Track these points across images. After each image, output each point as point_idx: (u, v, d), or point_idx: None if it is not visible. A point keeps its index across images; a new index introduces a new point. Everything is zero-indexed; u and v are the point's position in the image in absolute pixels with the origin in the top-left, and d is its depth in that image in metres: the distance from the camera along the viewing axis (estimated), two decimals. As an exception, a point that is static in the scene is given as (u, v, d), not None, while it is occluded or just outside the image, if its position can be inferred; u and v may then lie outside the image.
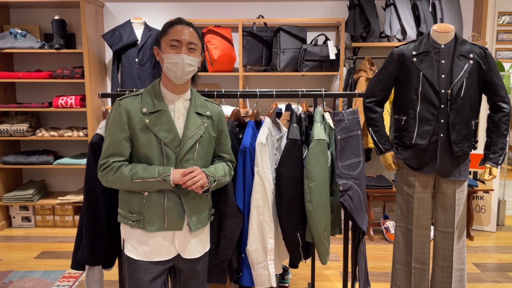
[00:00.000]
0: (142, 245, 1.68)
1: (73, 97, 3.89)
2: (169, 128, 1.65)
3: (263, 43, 3.86)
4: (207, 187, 1.68)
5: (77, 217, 4.14)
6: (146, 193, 1.65)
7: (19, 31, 3.91)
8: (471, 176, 4.06)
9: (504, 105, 2.22)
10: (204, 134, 1.72)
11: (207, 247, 1.84)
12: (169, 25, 1.67)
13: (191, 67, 1.67)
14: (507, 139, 2.26)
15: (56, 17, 3.87)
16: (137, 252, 1.69)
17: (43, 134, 3.97)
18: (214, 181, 1.71)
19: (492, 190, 3.91)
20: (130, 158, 1.69)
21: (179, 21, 1.67)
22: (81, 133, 3.96)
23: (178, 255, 1.73)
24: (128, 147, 1.66)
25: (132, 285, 1.70)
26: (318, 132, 2.06)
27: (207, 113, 1.76)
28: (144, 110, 1.64)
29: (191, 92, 1.77)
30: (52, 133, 3.98)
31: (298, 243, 2.11)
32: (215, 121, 1.79)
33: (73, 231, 4.02)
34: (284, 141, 2.20)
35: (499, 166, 2.26)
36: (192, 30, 1.67)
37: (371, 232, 3.89)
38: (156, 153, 1.65)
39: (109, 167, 1.63)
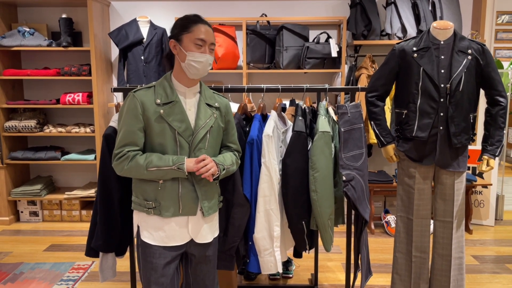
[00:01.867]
0: (158, 230, 1.76)
1: (80, 94, 3.97)
2: (181, 118, 1.74)
3: (266, 41, 3.94)
4: (217, 175, 1.77)
5: (84, 212, 4.22)
6: (161, 181, 1.73)
7: (27, 29, 3.99)
8: (470, 171, 4.14)
9: (501, 99, 2.31)
10: (214, 124, 1.81)
11: (216, 233, 1.92)
12: (192, 22, 1.74)
13: (210, 66, 1.78)
14: (504, 131, 2.35)
15: (64, 16, 3.96)
16: (153, 237, 1.77)
17: (50, 130, 4.05)
18: (223, 169, 1.80)
19: (491, 184, 3.99)
20: (144, 148, 1.77)
21: (200, 20, 1.75)
22: (88, 130, 4.04)
23: (191, 241, 1.81)
24: (142, 137, 1.74)
25: (147, 269, 1.79)
26: (323, 124, 2.15)
27: (216, 104, 1.85)
28: (158, 101, 1.72)
29: (200, 85, 1.86)
30: (60, 129, 4.06)
31: (304, 231, 2.19)
32: (223, 112, 1.88)
33: (81, 226, 4.11)
34: (289, 134, 2.28)
35: (496, 158, 2.34)
36: (211, 30, 1.78)
37: (372, 226, 3.97)
38: (170, 142, 1.73)
39: (124, 156, 1.71)
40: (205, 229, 1.83)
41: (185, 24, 1.75)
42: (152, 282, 1.77)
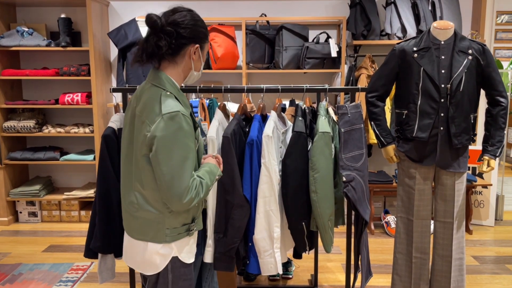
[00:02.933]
0: (194, 244, 1.69)
1: (79, 94, 3.96)
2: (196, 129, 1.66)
3: (266, 41, 3.93)
4: None
5: (83, 212, 4.21)
6: None
7: (26, 29, 3.98)
8: (470, 172, 4.14)
9: (502, 99, 2.30)
10: None
11: None
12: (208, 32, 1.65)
13: None
14: (505, 132, 2.34)
15: (62, 16, 3.94)
16: (191, 254, 1.66)
17: (49, 130, 4.04)
18: None
19: (491, 185, 3.98)
20: None
21: None
22: (87, 130, 4.03)
23: None
24: None
25: (191, 279, 1.67)
26: (323, 125, 2.14)
27: None
28: (189, 113, 1.56)
29: None
30: (59, 129, 4.05)
31: (303, 232, 2.18)
32: None
33: (80, 226, 4.10)
34: (289, 135, 2.27)
35: (496, 158, 2.33)
36: None
37: (372, 226, 3.96)
38: (197, 155, 1.62)
39: (197, 184, 1.51)
40: None
41: (207, 33, 1.64)
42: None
